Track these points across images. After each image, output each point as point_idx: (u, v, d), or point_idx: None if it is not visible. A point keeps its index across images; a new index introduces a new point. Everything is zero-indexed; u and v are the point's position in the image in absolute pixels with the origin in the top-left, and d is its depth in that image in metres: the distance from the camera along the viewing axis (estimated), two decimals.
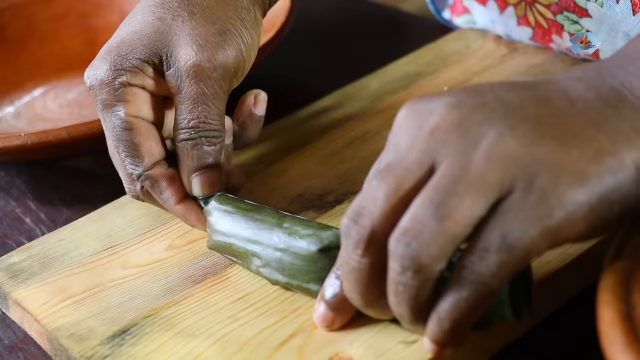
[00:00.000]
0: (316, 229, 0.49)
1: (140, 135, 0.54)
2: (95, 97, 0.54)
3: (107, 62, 0.54)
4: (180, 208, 0.54)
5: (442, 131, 0.41)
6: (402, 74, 0.71)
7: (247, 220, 0.51)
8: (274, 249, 0.50)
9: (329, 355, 0.46)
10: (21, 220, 0.65)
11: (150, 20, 0.55)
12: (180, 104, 0.54)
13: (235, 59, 0.55)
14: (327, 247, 0.48)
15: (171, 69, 0.54)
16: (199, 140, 0.54)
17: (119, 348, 0.48)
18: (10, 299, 0.53)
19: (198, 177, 0.54)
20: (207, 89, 0.53)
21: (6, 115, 0.77)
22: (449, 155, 0.41)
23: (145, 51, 0.54)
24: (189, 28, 0.54)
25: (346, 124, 0.66)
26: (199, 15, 0.55)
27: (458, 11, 0.78)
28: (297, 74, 0.79)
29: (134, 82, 0.54)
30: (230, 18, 0.56)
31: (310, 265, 0.49)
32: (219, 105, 0.54)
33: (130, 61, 0.54)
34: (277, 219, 0.51)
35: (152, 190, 0.55)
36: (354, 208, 0.42)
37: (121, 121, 0.53)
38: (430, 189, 0.40)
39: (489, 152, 0.40)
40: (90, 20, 0.84)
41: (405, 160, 0.42)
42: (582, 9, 0.65)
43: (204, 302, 0.51)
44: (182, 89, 0.53)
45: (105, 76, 0.54)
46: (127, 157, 0.54)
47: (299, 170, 0.61)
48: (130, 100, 0.54)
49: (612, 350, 0.37)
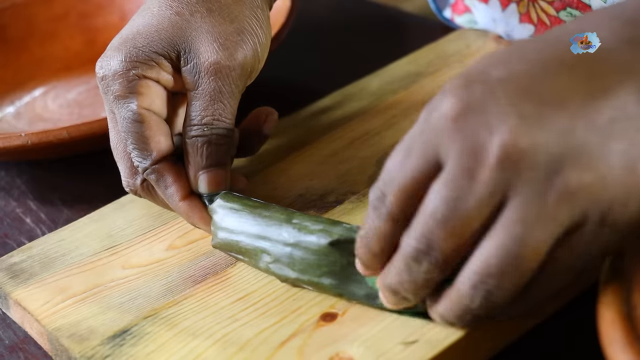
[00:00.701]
0: (326, 223, 0.49)
1: (151, 129, 0.53)
2: (107, 87, 0.54)
3: (122, 52, 0.54)
4: (184, 204, 0.54)
5: (512, 163, 0.39)
6: (402, 73, 0.71)
7: (254, 217, 0.52)
8: (283, 244, 0.50)
9: (329, 355, 0.46)
10: (21, 220, 0.65)
11: (167, 13, 0.55)
12: (194, 100, 0.54)
13: (251, 58, 0.55)
14: (337, 240, 0.48)
15: (188, 65, 0.54)
16: (210, 137, 0.53)
17: (119, 348, 0.48)
18: (11, 298, 0.53)
19: (205, 174, 0.54)
20: (224, 87, 0.53)
21: (6, 115, 0.77)
22: (522, 193, 0.39)
23: (163, 44, 0.54)
24: (207, 25, 0.54)
25: (346, 123, 0.66)
26: (217, 12, 0.55)
27: (459, 10, 0.78)
28: (297, 73, 0.79)
29: (149, 75, 0.54)
30: (247, 17, 0.56)
31: (321, 259, 0.49)
32: (233, 104, 0.54)
33: (146, 53, 0.54)
34: (286, 215, 0.51)
35: (156, 184, 0.54)
36: (416, 245, 0.41)
37: (132, 113, 0.53)
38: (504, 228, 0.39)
39: (564, 189, 0.38)
40: (91, 20, 0.84)
41: (470, 202, 0.39)
42: (585, 5, 0.65)
43: (204, 302, 0.51)
44: (199, 85, 0.53)
45: (119, 67, 0.53)
46: (134, 149, 0.53)
47: (299, 170, 0.61)
48: (144, 92, 0.53)
49: (612, 349, 0.37)
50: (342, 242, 0.48)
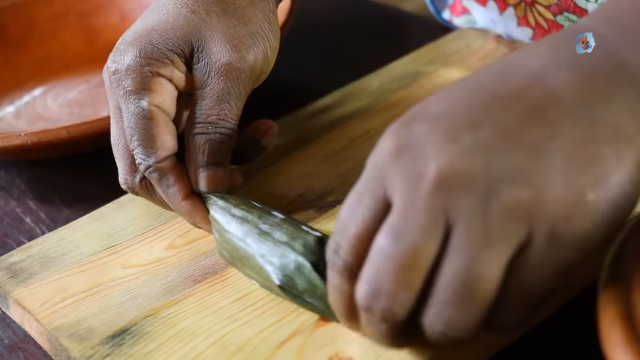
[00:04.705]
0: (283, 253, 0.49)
1: (159, 126, 0.53)
2: (118, 81, 0.54)
3: (136, 47, 0.54)
4: (186, 204, 0.54)
5: (448, 187, 0.38)
6: (402, 73, 0.71)
7: (241, 225, 0.52)
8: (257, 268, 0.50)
9: (329, 355, 0.46)
10: (21, 219, 0.65)
11: (183, 11, 0.55)
12: (201, 99, 0.54)
13: (262, 61, 0.55)
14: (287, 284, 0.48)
15: (200, 63, 0.54)
16: (213, 136, 0.53)
17: (118, 347, 0.48)
18: (10, 298, 0.53)
19: (205, 172, 0.54)
20: (232, 88, 0.54)
21: (6, 115, 0.77)
22: (462, 219, 0.38)
23: (178, 42, 0.54)
24: (222, 25, 0.54)
25: (346, 123, 0.66)
26: (232, 14, 0.55)
27: (457, 11, 0.78)
28: (298, 73, 0.79)
29: (163, 73, 0.54)
30: (259, 20, 0.56)
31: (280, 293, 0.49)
32: (239, 106, 0.54)
33: (162, 51, 0.53)
34: (259, 238, 0.50)
35: (158, 183, 0.54)
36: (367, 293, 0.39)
37: (143, 109, 0.53)
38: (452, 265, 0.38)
39: (503, 209, 0.38)
40: (90, 20, 0.84)
41: (415, 223, 0.38)
42: (581, 9, 0.65)
43: (203, 302, 0.51)
44: (207, 84, 0.54)
45: (133, 62, 0.53)
46: (139, 146, 0.53)
47: (299, 170, 0.61)
48: (156, 89, 0.53)
49: (612, 349, 0.37)
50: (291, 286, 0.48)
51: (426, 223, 0.38)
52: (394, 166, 0.40)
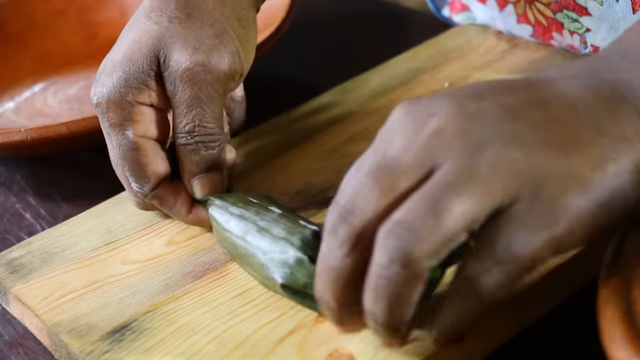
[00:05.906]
0: (282, 248, 0.49)
1: (147, 156, 0.54)
2: (102, 114, 0.54)
3: (113, 78, 0.53)
4: (192, 217, 0.55)
5: (445, 134, 0.40)
6: (402, 69, 0.71)
7: (240, 222, 0.52)
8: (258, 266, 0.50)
9: (329, 351, 0.46)
10: (21, 215, 0.65)
11: (147, 25, 0.55)
12: (175, 108, 0.54)
13: (230, 61, 0.54)
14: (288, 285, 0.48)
15: (166, 72, 0.53)
16: (195, 145, 0.54)
17: (118, 343, 0.48)
18: (10, 294, 0.53)
19: (199, 180, 0.54)
20: (200, 92, 0.53)
21: (6, 111, 0.77)
22: (453, 157, 0.39)
23: (146, 61, 0.53)
24: (185, 30, 0.54)
25: (346, 119, 0.66)
26: (196, 17, 0.55)
27: (456, 8, 0.77)
28: (297, 69, 0.79)
29: (141, 100, 0.53)
30: (228, 19, 0.55)
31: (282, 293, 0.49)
32: (214, 108, 0.54)
33: (135, 77, 0.53)
34: (262, 225, 0.50)
35: (160, 206, 0.55)
36: (344, 205, 0.41)
37: (129, 141, 0.53)
38: (430, 186, 0.39)
39: (493, 160, 0.39)
40: (90, 15, 0.84)
41: (403, 160, 0.40)
42: (581, 7, 0.65)
43: (203, 298, 0.51)
44: (175, 92, 0.53)
45: (112, 94, 0.53)
46: (132, 176, 0.54)
47: (299, 166, 0.61)
48: (139, 120, 0.53)
49: (612, 346, 0.37)
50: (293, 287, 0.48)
51: (412, 161, 0.40)
52: (400, 124, 0.42)
